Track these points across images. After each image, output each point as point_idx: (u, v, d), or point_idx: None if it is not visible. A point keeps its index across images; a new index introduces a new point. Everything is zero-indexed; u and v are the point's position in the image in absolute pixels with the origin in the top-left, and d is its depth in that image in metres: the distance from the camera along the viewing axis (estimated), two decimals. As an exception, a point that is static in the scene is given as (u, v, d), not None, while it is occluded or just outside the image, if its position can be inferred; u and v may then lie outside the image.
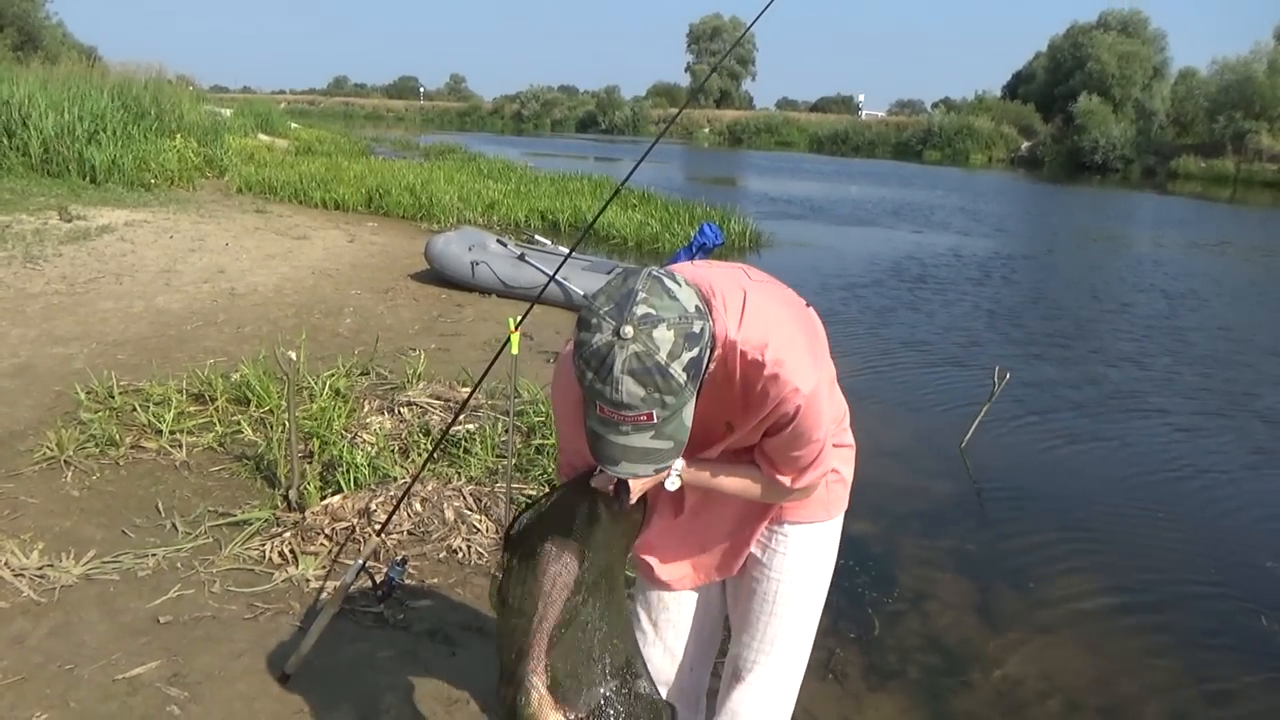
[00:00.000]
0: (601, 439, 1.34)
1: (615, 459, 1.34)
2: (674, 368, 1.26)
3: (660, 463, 1.36)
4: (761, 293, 1.53)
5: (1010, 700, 2.98)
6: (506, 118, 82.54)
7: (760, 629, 1.82)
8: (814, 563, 1.83)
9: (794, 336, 1.50)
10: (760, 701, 1.85)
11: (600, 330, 1.26)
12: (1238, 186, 35.28)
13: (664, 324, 1.26)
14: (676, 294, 1.30)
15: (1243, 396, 6.59)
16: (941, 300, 9.68)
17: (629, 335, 1.25)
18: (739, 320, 1.46)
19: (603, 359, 1.26)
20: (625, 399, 1.26)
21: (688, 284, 1.34)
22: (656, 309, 1.27)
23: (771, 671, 1.84)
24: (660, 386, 1.26)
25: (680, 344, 1.27)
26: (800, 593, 1.82)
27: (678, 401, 1.30)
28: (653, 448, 1.33)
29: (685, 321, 1.28)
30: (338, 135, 27.53)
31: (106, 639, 2.69)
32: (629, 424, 1.30)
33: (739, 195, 21.37)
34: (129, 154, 12.97)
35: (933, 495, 4.63)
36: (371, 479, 3.75)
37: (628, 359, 1.25)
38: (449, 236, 8.47)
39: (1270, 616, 3.54)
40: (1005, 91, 60.36)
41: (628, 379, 1.25)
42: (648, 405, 1.27)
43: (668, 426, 1.32)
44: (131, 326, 5.92)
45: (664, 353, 1.26)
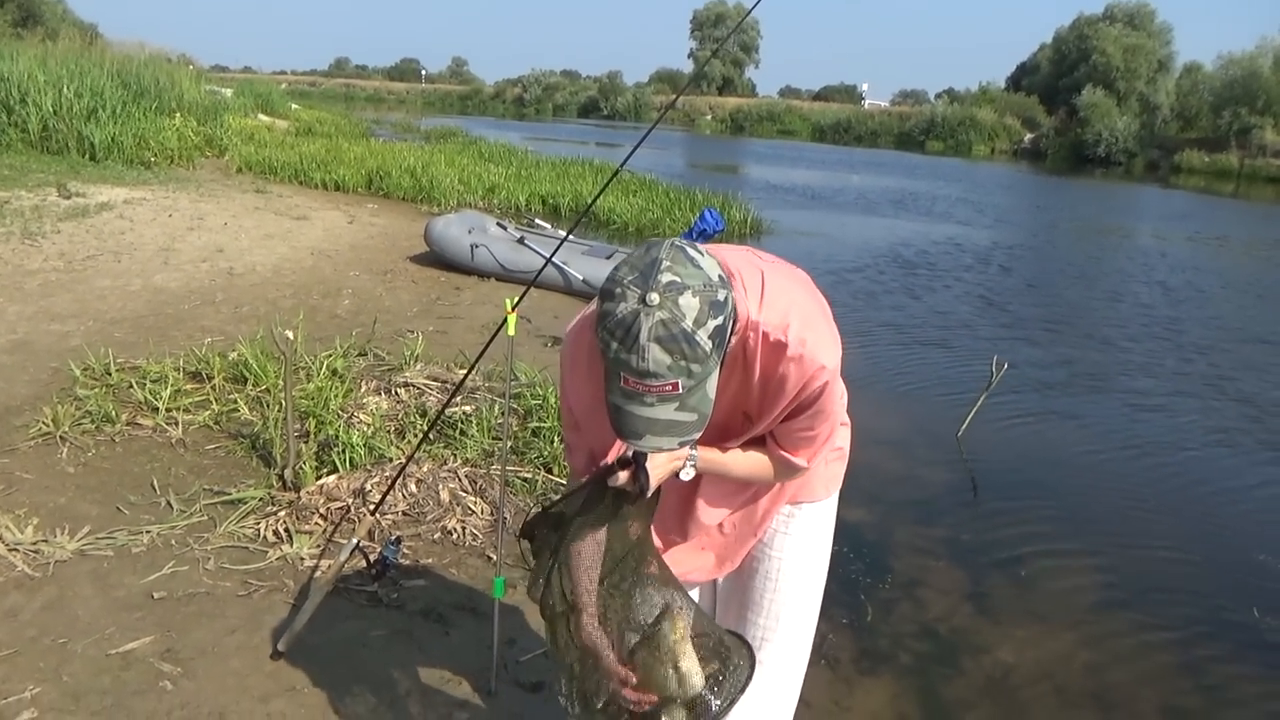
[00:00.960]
0: (624, 413, 1.33)
1: (639, 432, 1.33)
2: (700, 335, 1.26)
3: (684, 435, 1.34)
4: (775, 272, 1.53)
5: (1001, 687, 2.99)
6: (508, 102, 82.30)
7: (766, 606, 1.84)
8: (814, 540, 1.85)
9: (814, 314, 1.50)
10: (774, 678, 1.86)
11: (625, 299, 1.26)
12: (1241, 181, 35.25)
13: (689, 290, 1.26)
14: (700, 262, 1.30)
15: (1241, 390, 6.60)
16: (941, 289, 9.68)
17: (655, 302, 1.24)
18: (760, 301, 1.46)
19: (628, 327, 1.25)
20: (652, 367, 1.25)
21: (709, 254, 1.34)
22: (681, 276, 1.26)
23: (781, 648, 1.85)
24: (687, 354, 1.25)
25: (706, 311, 1.26)
26: (803, 570, 1.84)
27: (703, 371, 1.29)
28: (677, 420, 1.32)
29: (710, 289, 1.28)
30: (338, 117, 27.41)
31: (100, 614, 2.69)
32: (654, 394, 1.29)
33: (740, 182, 21.32)
34: (128, 132, 12.93)
35: (928, 483, 4.64)
36: (367, 459, 3.74)
37: (654, 326, 1.24)
38: (448, 219, 8.44)
39: (1261, 608, 3.56)
40: (1009, 83, 60.22)
41: (654, 346, 1.24)
42: (674, 374, 1.27)
43: (692, 397, 1.31)
44: (129, 304, 5.90)
45: (690, 319, 1.25)
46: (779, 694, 1.89)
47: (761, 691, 1.87)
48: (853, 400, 1.88)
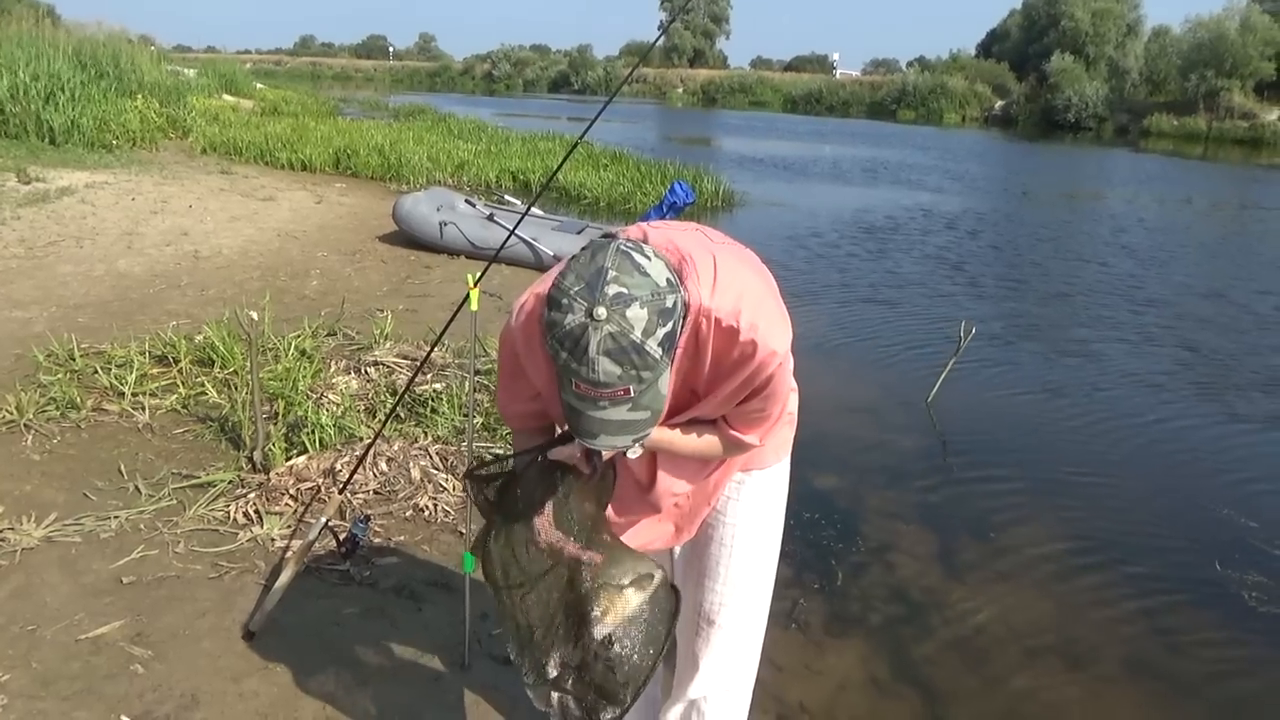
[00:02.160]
0: (579, 414, 1.34)
1: (594, 433, 1.35)
2: (649, 344, 1.26)
3: (638, 433, 1.37)
4: (725, 255, 1.52)
5: (970, 646, 3.04)
6: (477, 78, 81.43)
7: (723, 572, 1.85)
8: (767, 505, 1.87)
9: (765, 299, 1.50)
10: (732, 641, 1.89)
11: (572, 311, 1.25)
12: (1209, 144, 35.55)
13: (637, 302, 1.25)
14: (648, 269, 1.29)
15: (1206, 350, 6.69)
16: (910, 256, 9.73)
17: (602, 317, 1.24)
18: (712, 287, 1.45)
19: (576, 340, 1.25)
20: (602, 378, 1.26)
21: (658, 255, 1.33)
22: (629, 287, 1.25)
23: (740, 612, 1.87)
24: (636, 364, 1.26)
25: (654, 321, 1.27)
26: (756, 534, 1.86)
27: (654, 375, 1.30)
28: (631, 419, 1.34)
29: (658, 298, 1.28)
30: (304, 96, 26.98)
31: (68, 600, 2.67)
32: (606, 399, 1.30)
33: (712, 155, 21.27)
34: (88, 115, 12.67)
35: (899, 448, 4.68)
36: (337, 439, 3.73)
37: (602, 340, 1.24)
38: (417, 197, 8.37)
39: (1224, 563, 3.63)
40: (979, 50, 60.26)
41: (604, 359, 1.25)
42: (624, 382, 1.28)
43: (644, 398, 1.33)
44: (92, 289, 5.83)
45: (638, 331, 1.25)
46: (739, 656, 1.91)
47: (722, 654, 1.89)
48: (823, 368, 1.90)
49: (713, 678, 1.90)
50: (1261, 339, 7.11)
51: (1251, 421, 5.29)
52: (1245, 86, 40.36)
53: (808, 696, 2.72)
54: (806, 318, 7.05)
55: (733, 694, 1.94)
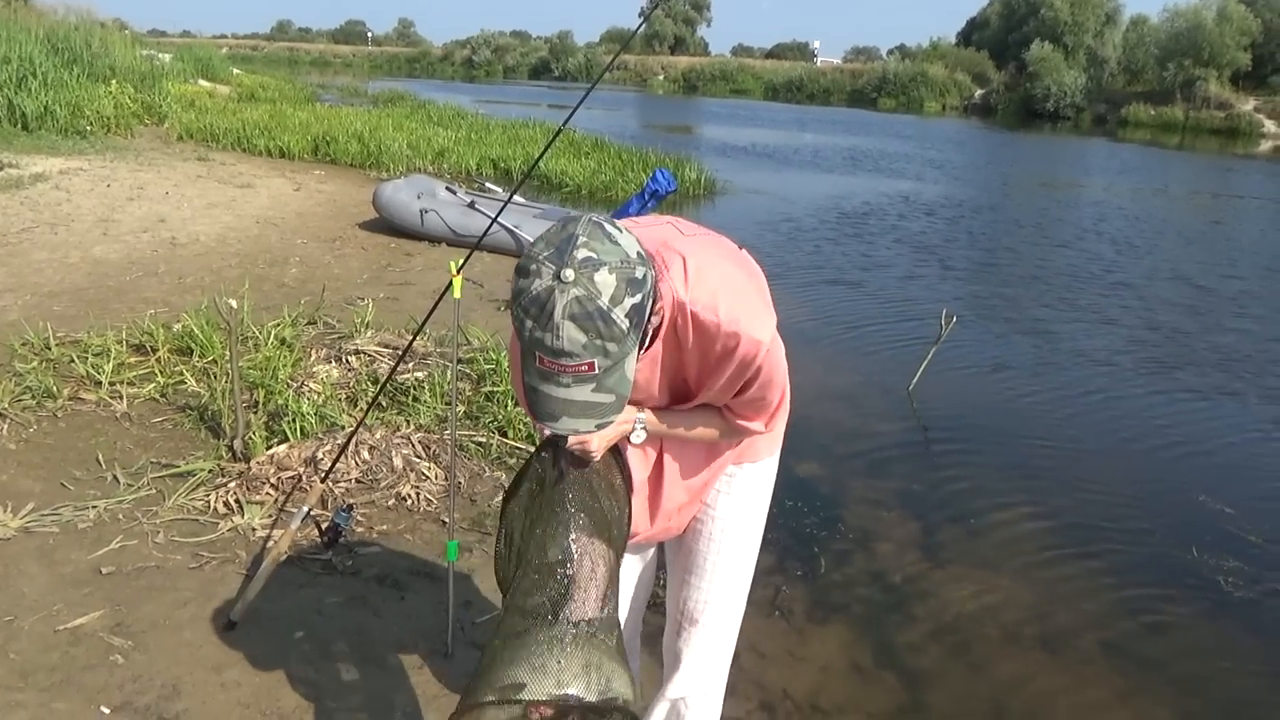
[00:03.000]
0: (540, 394, 1.30)
1: (555, 414, 1.31)
2: (616, 313, 1.23)
3: (602, 417, 1.33)
4: (700, 248, 1.50)
5: (951, 632, 3.06)
6: (457, 64, 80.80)
7: (708, 570, 1.84)
8: (754, 500, 1.86)
9: (743, 288, 1.49)
10: (715, 640, 1.88)
11: (540, 275, 1.22)
12: (1186, 134, 35.80)
13: (606, 267, 1.23)
14: (618, 239, 1.27)
15: (1183, 338, 6.76)
16: (891, 244, 9.76)
17: (570, 279, 1.21)
18: (684, 281, 1.44)
19: (543, 305, 1.22)
20: (567, 345, 1.23)
21: (628, 231, 1.31)
22: (598, 253, 1.23)
23: (722, 610, 1.86)
24: (603, 332, 1.23)
25: (623, 289, 1.23)
26: (744, 530, 1.85)
27: (620, 350, 1.26)
28: (594, 401, 1.30)
29: (628, 266, 1.25)
30: (282, 81, 26.71)
31: (47, 590, 2.65)
32: (570, 374, 1.26)
33: (694, 142, 21.24)
34: (62, 100, 12.50)
35: (880, 436, 4.70)
36: (318, 428, 3.71)
37: (569, 303, 1.21)
38: (397, 184, 8.31)
39: (1200, 548, 3.67)
40: (960, 38, 60.33)
41: (569, 324, 1.21)
42: (589, 353, 1.24)
43: (609, 378, 1.29)
44: (68, 277, 5.76)
45: (606, 297, 1.22)
46: (719, 654, 1.91)
47: (703, 653, 1.88)
48: (805, 356, 1.89)
49: (694, 677, 1.89)
50: (1239, 329, 7.19)
51: (1229, 409, 5.35)
52: (1222, 76, 40.66)
53: (790, 683, 2.73)
54: (788, 305, 7.06)
55: (710, 694, 1.94)
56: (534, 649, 1.50)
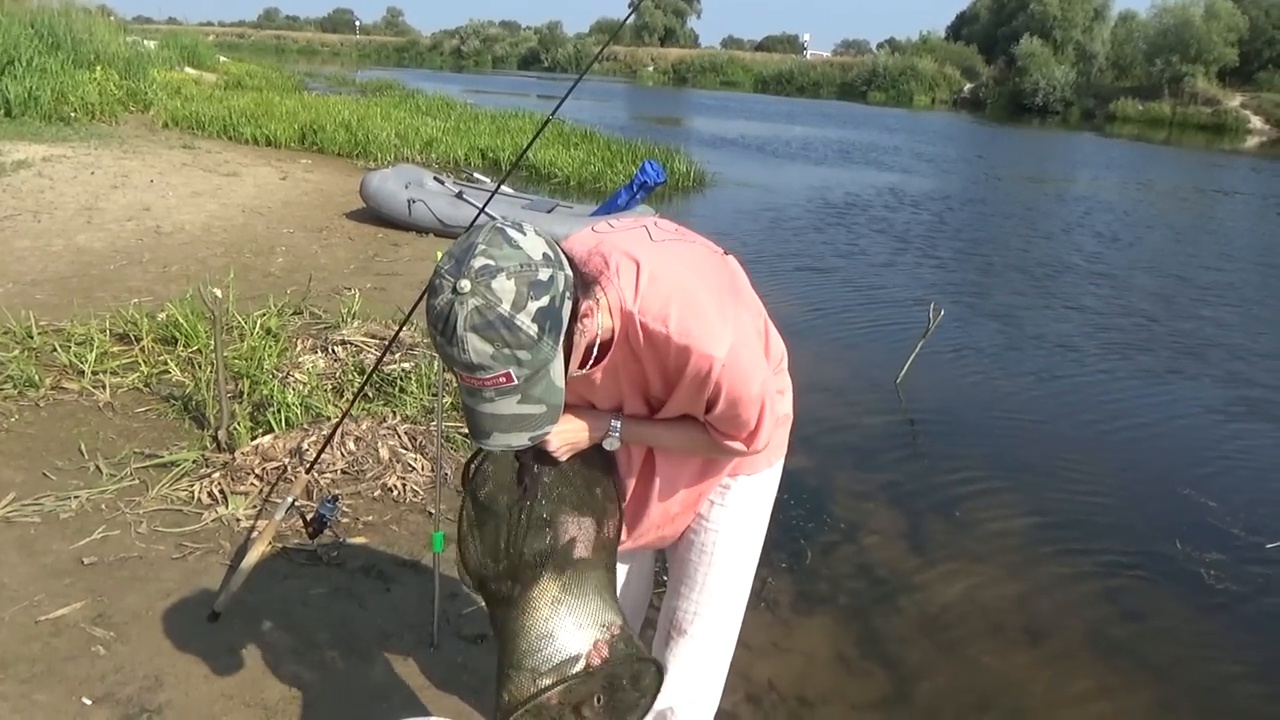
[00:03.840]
0: (472, 412, 1.28)
1: (487, 430, 1.29)
2: (520, 319, 1.19)
3: (534, 429, 1.30)
4: (660, 255, 1.45)
5: (936, 622, 3.07)
6: (446, 54, 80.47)
7: (699, 580, 1.79)
8: (752, 513, 1.80)
9: (697, 299, 1.41)
10: (703, 652, 1.84)
11: (442, 290, 1.20)
12: (1173, 129, 35.98)
13: (503, 273, 1.19)
14: (520, 242, 1.22)
15: (1170, 333, 6.79)
16: (880, 237, 9.77)
17: (465, 289, 1.18)
18: (634, 291, 1.39)
19: (446, 319, 1.19)
20: (474, 359, 1.20)
21: (538, 234, 1.27)
22: (495, 259, 1.19)
23: (713, 622, 1.82)
24: (508, 340, 1.19)
25: (524, 293, 1.19)
26: (738, 543, 1.79)
27: (534, 358, 1.23)
28: (523, 413, 1.27)
29: (529, 269, 1.21)
30: (269, 70, 26.55)
31: (27, 581, 2.62)
32: (490, 388, 1.24)
33: (683, 134, 21.21)
34: (46, 86, 12.37)
35: (867, 429, 4.71)
36: (304, 419, 3.69)
37: (469, 315, 1.18)
38: (385, 174, 8.27)
39: (1183, 540, 3.69)
40: (949, 32, 60.43)
41: (472, 335, 1.18)
42: (500, 363, 1.21)
43: (534, 388, 1.26)
44: (50, 265, 5.70)
45: (507, 304, 1.18)
46: (708, 666, 1.87)
47: (691, 664, 1.85)
48: (792, 348, 1.86)
49: (680, 688, 1.85)
50: (1226, 324, 7.23)
51: (1215, 404, 5.39)
52: (1209, 72, 40.88)
53: (776, 674, 2.73)
54: (775, 298, 7.06)
55: (698, 705, 1.90)
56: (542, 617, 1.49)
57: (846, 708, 2.65)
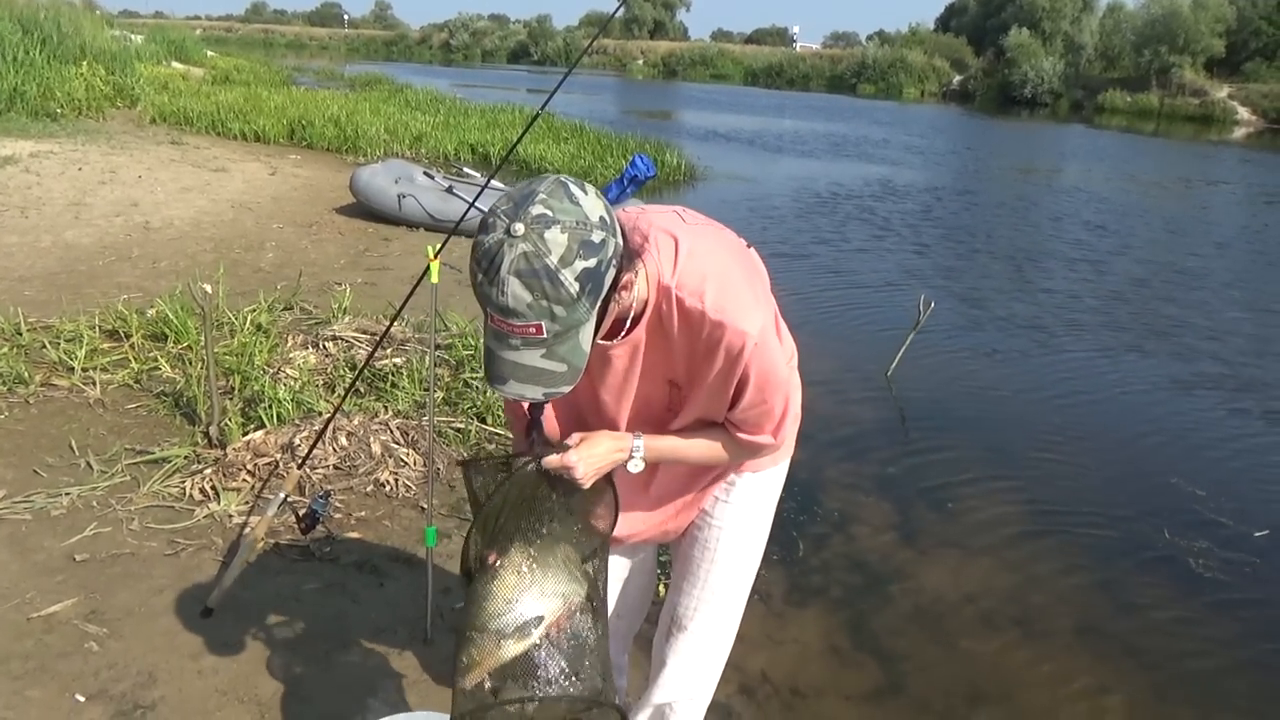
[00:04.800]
0: (492, 355, 1.28)
1: (504, 376, 1.28)
2: (565, 274, 1.19)
3: (551, 386, 1.29)
4: (696, 235, 1.46)
5: (928, 614, 3.09)
6: (435, 48, 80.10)
7: (702, 577, 1.80)
8: (757, 510, 1.80)
9: (733, 278, 1.44)
10: (702, 648, 1.85)
11: (494, 229, 1.20)
12: (1161, 120, 36.08)
13: (558, 226, 1.19)
14: (580, 200, 1.22)
15: (1157, 324, 6.83)
16: (870, 230, 9.79)
17: (519, 233, 1.18)
18: (673, 265, 1.40)
19: (492, 258, 1.19)
20: (511, 303, 1.19)
21: (598, 196, 1.26)
22: (554, 210, 1.19)
23: (713, 618, 1.83)
24: (548, 293, 1.19)
25: (574, 250, 1.19)
26: (742, 541, 1.80)
27: (569, 316, 1.22)
28: (543, 368, 1.27)
29: (583, 228, 1.21)
30: (257, 64, 26.37)
31: (19, 578, 2.62)
32: (518, 336, 1.23)
33: (673, 128, 21.19)
34: (32, 81, 12.28)
35: (859, 421, 4.73)
36: (295, 414, 3.68)
37: (516, 258, 1.18)
38: (374, 169, 8.24)
39: (1173, 531, 3.72)
40: (938, 24, 60.50)
41: (514, 280, 1.18)
42: (535, 314, 1.20)
43: (560, 346, 1.26)
44: (39, 261, 5.68)
45: (555, 256, 1.18)
46: (707, 663, 1.88)
47: (689, 660, 1.86)
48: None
49: (678, 683, 1.86)
50: (1216, 315, 7.27)
51: (1203, 394, 5.42)
52: (1196, 63, 40.99)
53: (770, 666, 2.74)
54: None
55: (696, 701, 1.91)
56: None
57: (839, 698, 2.66)
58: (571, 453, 1.47)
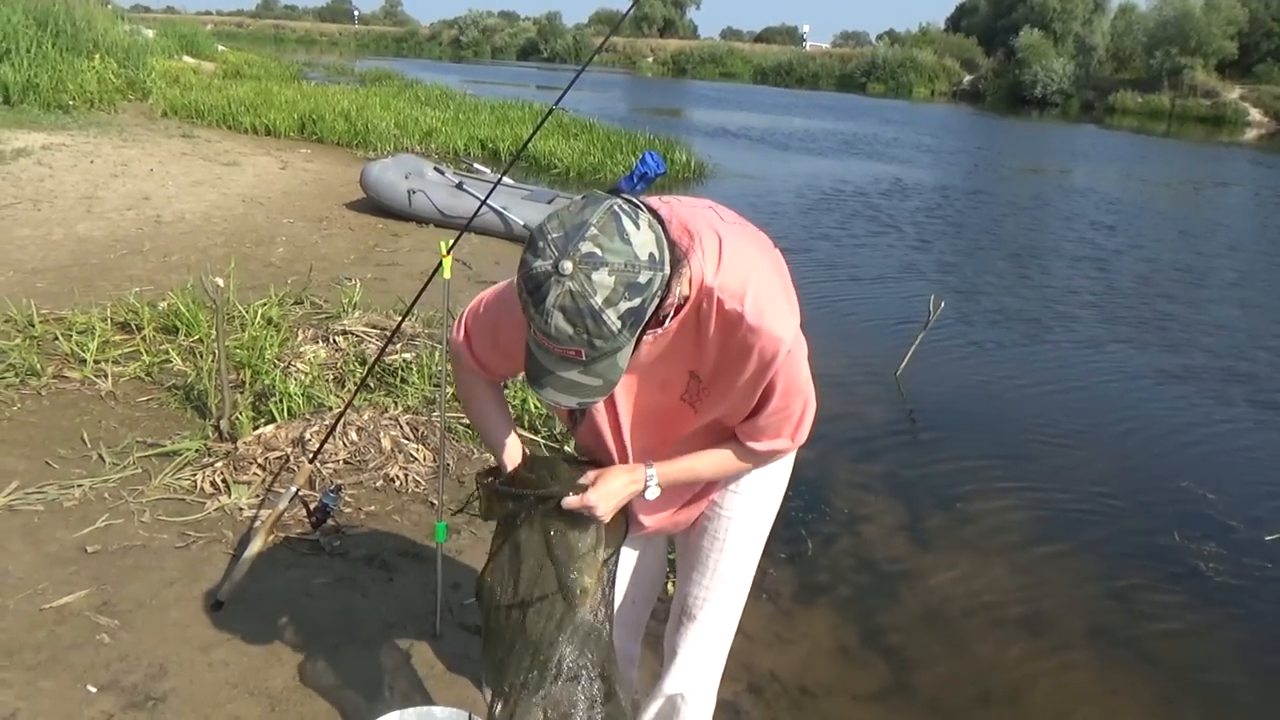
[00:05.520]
0: (533, 358, 1.32)
1: (541, 380, 1.32)
2: (608, 314, 1.21)
3: (585, 397, 1.32)
4: (736, 236, 1.47)
5: (936, 614, 3.09)
6: (444, 44, 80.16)
7: (711, 566, 1.82)
8: (765, 501, 1.83)
9: (771, 283, 1.46)
10: (711, 637, 1.87)
11: (543, 256, 1.21)
12: (1172, 121, 35.93)
13: (607, 268, 1.19)
14: (631, 237, 1.22)
15: (1170, 325, 6.80)
16: (880, 229, 9.77)
17: (567, 271, 1.19)
18: (717, 266, 1.40)
19: (539, 287, 1.21)
20: (553, 332, 1.23)
21: (651, 226, 1.26)
22: (604, 249, 1.19)
23: (721, 607, 1.85)
24: (590, 330, 1.21)
25: (620, 292, 1.21)
26: (750, 530, 1.82)
27: (609, 346, 1.25)
28: (579, 382, 1.30)
29: (632, 270, 1.21)
30: (268, 59, 26.45)
31: (32, 569, 2.63)
32: (557, 354, 1.27)
33: (683, 125, 21.17)
34: (45, 74, 12.32)
35: (868, 421, 4.72)
36: (306, 408, 3.69)
37: (561, 295, 1.19)
38: (385, 164, 8.25)
39: (1183, 534, 3.70)
40: (949, 24, 60.29)
41: (558, 314, 1.20)
42: (575, 344, 1.23)
43: (598, 365, 1.28)
44: (51, 254, 5.69)
45: (600, 298, 1.20)
46: (715, 651, 1.90)
47: (699, 649, 1.87)
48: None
49: (690, 673, 1.88)
50: (1227, 317, 7.24)
51: (1214, 397, 5.40)
52: (1208, 64, 40.77)
53: (778, 665, 2.75)
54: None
55: (705, 691, 1.94)
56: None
57: (848, 698, 2.66)
58: (591, 493, 1.54)
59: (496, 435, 1.73)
